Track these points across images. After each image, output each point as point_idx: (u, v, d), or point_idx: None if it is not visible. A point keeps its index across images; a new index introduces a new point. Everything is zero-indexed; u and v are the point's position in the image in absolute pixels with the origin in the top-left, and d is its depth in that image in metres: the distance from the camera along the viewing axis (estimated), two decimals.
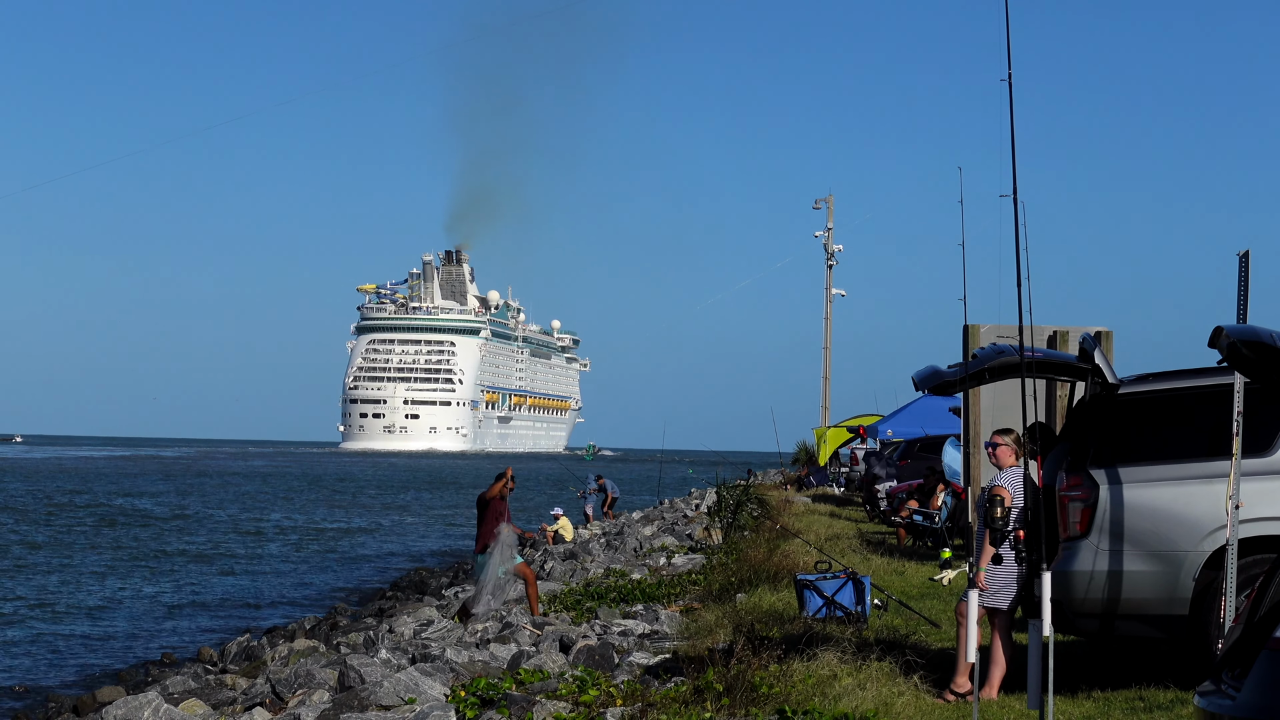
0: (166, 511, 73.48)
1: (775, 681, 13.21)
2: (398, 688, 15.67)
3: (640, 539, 40.66)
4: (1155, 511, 13.30)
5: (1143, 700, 13.01)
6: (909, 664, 13.98)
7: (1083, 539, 13.38)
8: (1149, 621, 13.32)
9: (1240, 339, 8.75)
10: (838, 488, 56.68)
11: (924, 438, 41.49)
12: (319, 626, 29.55)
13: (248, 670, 22.48)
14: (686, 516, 51.76)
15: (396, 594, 36.84)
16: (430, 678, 16.14)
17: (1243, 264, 12.51)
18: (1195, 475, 13.26)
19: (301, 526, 65.53)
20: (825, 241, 78.45)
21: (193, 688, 20.66)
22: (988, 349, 14.25)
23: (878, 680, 13.14)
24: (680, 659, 15.86)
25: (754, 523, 33.63)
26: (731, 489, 41.23)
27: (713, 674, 13.39)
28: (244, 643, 26.27)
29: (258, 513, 74.78)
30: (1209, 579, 13.01)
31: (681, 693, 13.50)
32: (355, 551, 54.53)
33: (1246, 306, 12.43)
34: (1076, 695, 13.29)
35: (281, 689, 17.40)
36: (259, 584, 42.36)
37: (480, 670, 17.37)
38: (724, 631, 17.67)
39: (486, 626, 21.97)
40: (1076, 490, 13.50)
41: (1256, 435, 13.11)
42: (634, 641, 19.22)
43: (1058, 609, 13.16)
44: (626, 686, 14.36)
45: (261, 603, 38.10)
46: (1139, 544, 13.29)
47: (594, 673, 15.62)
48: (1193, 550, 13.16)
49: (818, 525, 34.00)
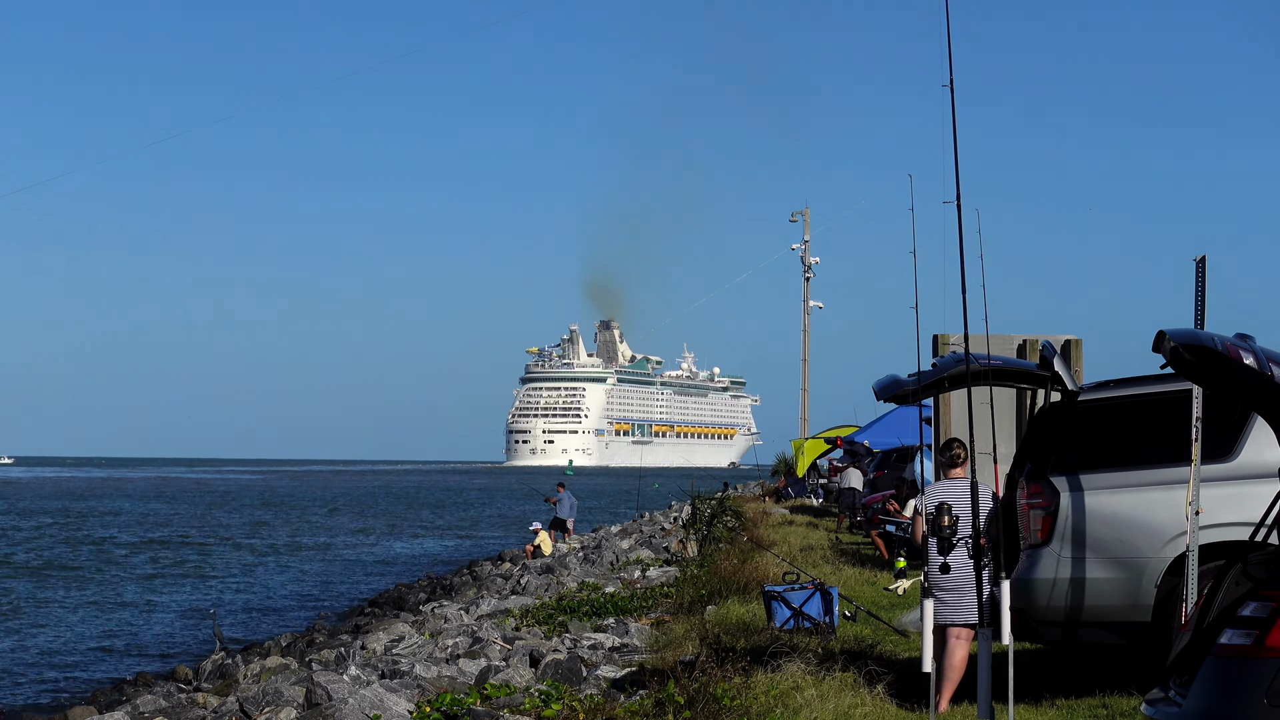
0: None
1: (738, 693, 13.17)
2: (363, 704, 15.62)
3: (617, 552, 40.61)
4: (1117, 518, 13.28)
5: (1106, 708, 12.99)
6: (872, 674, 13.95)
7: (1044, 546, 13.36)
8: (1112, 628, 13.31)
9: (1183, 344, 8.72)
10: (816, 499, 56.66)
11: (900, 448, 41.50)
12: (295, 643, 29.44)
13: (220, 688, 22.41)
14: (664, 529, 51.72)
15: (375, 610, 36.76)
16: (396, 694, 16.10)
17: (1199, 269, 12.52)
18: (1156, 482, 13.24)
19: (307, 542, 65.47)
20: (802, 254, 78.41)
21: (163, 707, 20.59)
22: (947, 358, 14.25)
23: (839, 691, 13.10)
24: (646, 672, 15.83)
25: (729, 535, 33.59)
26: (706, 501, 41.14)
27: (674, 687, 13.36)
28: (218, 660, 26.14)
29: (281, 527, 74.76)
30: (1171, 585, 12.99)
31: (644, 706, 13.46)
32: (356, 563, 54.60)
33: (1204, 311, 12.44)
34: (1040, 703, 13.27)
35: (249, 707, 17.33)
36: (251, 600, 42.28)
37: (447, 686, 17.32)
38: (691, 644, 17.63)
39: (457, 642, 21.91)
40: (1037, 498, 13.48)
41: (1218, 441, 13.10)
42: (603, 655, 19.18)
43: (1020, 617, 13.15)
44: (590, 700, 14.33)
45: (246, 618, 37.98)
46: (1101, 551, 13.27)
47: (560, 686, 15.57)
48: (1154, 557, 13.14)
49: (793, 536, 33.97)
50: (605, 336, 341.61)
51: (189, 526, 78.23)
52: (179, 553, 59.32)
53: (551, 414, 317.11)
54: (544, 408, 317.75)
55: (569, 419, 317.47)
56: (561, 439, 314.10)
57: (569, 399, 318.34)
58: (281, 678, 18.70)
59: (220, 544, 64.67)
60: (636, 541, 45.53)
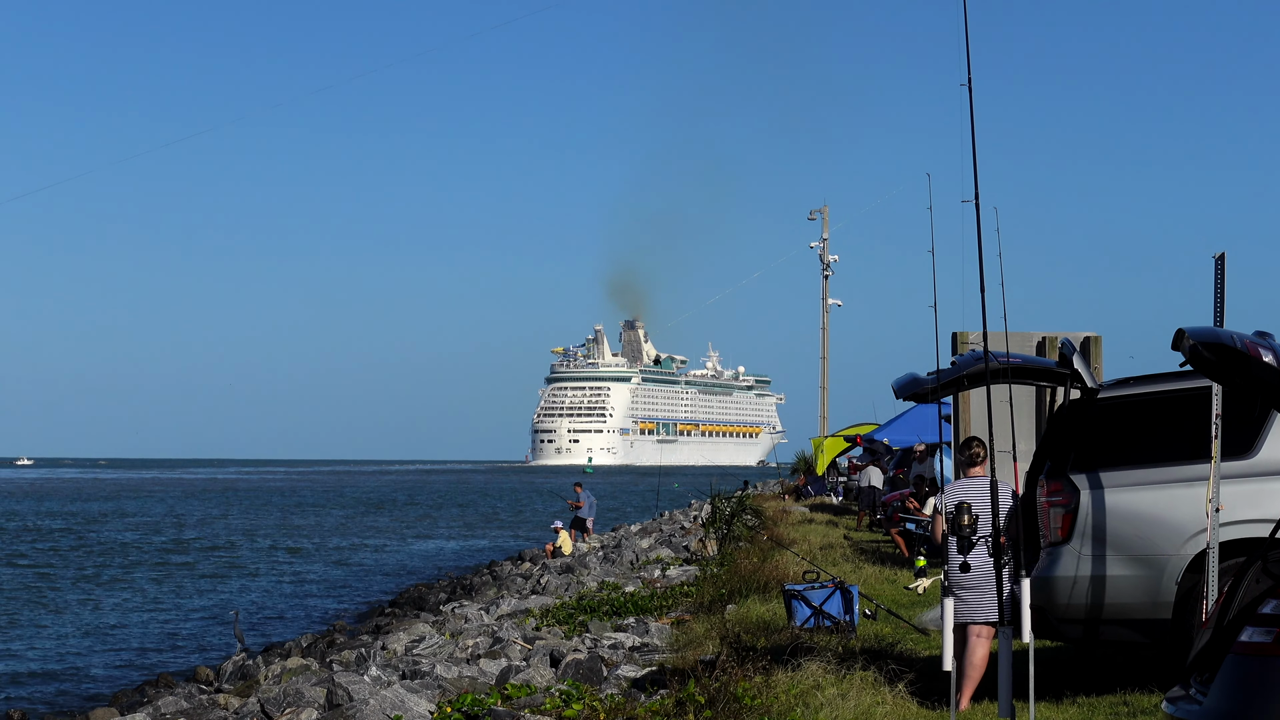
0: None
1: (758, 693, 13.16)
2: (384, 705, 15.64)
3: (637, 551, 40.61)
4: (1137, 516, 13.26)
5: (1127, 705, 12.97)
6: (894, 673, 13.94)
7: (1064, 544, 13.34)
8: (1132, 626, 13.28)
9: (1201, 341, 8.70)
10: (835, 497, 56.63)
11: (908, 448, 41.48)
12: (315, 644, 29.50)
13: (242, 689, 22.45)
14: (684, 528, 51.71)
15: (395, 610, 36.81)
16: (417, 694, 16.12)
17: (1219, 266, 12.50)
18: (1176, 479, 13.22)
19: (327, 545, 65.58)
20: (821, 252, 78.36)
21: (184, 708, 20.65)
22: (966, 356, 14.24)
23: (860, 690, 13.09)
24: (666, 671, 15.83)
25: (749, 534, 33.57)
26: (726, 500, 41.13)
27: (694, 686, 13.35)
28: (239, 661, 26.18)
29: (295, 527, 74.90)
30: (1192, 583, 12.96)
31: (665, 705, 13.46)
32: (378, 564, 54.68)
33: (1223, 308, 12.41)
34: (1061, 701, 13.26)
35: (270, 708, 17.37)
36: (273, 601, 42.37)
37: (468, 686, 17.34)
38: (712, 643, 17.63)
39: (478, 642, 21.93)
40: (1057, 496, 13.47)
41: (1238, 438, 13.08)
42: (623, 655, 19.18)
43: (1040, 615, 13.13)
44: (610, 700, 14.32)
45: (268, 619, 38.06)
46: (1121, 549, 13.25)
47: (581, 686, 15.57)
48: (1175, 554, 13.12)
49: (813, 535, 33.96)
50: (630, 336, 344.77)
51: (211, 527, 78.41)
52: (200, 554, 59.47)
53: (577, 413, 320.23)
54: (569, 407, 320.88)
55: (594, 418, 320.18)
56: (587, 438, 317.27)
57: (594, 398, 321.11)
58: (302, 679, 18.74)
59: (242, 545, 64.81)
60: (656, 540, 45.52)
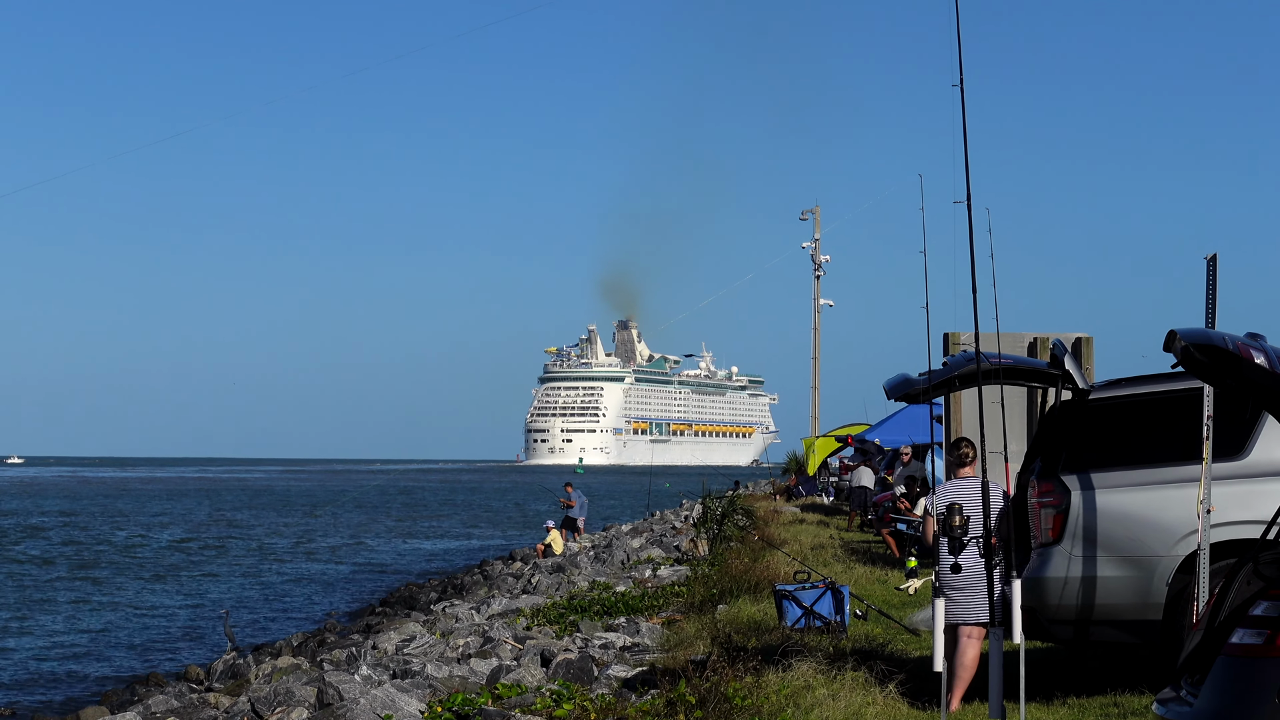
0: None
1: (749, 693, 13.16)
2: (374, 704, 15.63)
3: (628, 551, 40.61)
4: (1128, 517, 13.27)
5: (1118, 706, 12.97)
6: (884, 673, 13.94)
7: (1055, 545, 13.35)
8: (1123, 627, 13.30)
9: (1193, 343, 8.71)
10: (826, 497, 56.61)
11: (895, 450, 41.47)
12: (306, 643, 29.47)
13: (232, 688, 22.43)
14: (675, 528, 51.70)
15: (386, 609, 36.82)
16: (407, 694, 16.11)
17: (1210, 268, 12.52)
18: (1168, 480, 13.22)
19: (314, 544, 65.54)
20: (813, 252, 78.37)
21: (175, 707, 20.62)
22: (958, 356, 14.22)
23: (851, 690, 13.10)
24: (657, 671, 15.81)
25: (740, 533, 33.56)
26: (717, 500, 41.10)
27: (685, 686, 13.34)
28: (230, 660, 26.16)
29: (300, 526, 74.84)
30: (1183, 584, 12.97)
31: (656, 705, 13.45)
32: (369, 563, 54.66)
33: (1215, 309, 12.43)
34: (1051, 702, 13.26)
35: (260, 707, 17.36)
36: (264, 600, 42.34)
37: (459, 685, 17.33)
38: (703, 643, 17.64)
39: (468, 641, 21.93)
40: (1048, 496, 13.47)
41: (1229, 439, 13.09)
42: (614, 654, 19.17)
43: (1031, 616, 13.14)
44: (601, 700, 14.32)
45: (259, 618, 38.03)
46: (1112, 549, 13.26)
47: (571, 686, 15.57)
48: (1166, 555, 13.13)
49: (804, 535, 33.97)
50: (623, 336, 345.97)
51: (202, 526, 78.35)
52: (191, 552, 59.42)
53: (570, 413, 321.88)
54: (562, 407, 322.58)
55: (587, 418, 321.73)
56: (580, 438, 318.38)
57: (587, 398, 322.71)
58: (293, 678, 18.72)
59: (233, 543, 64.76)
60: (648, 540, 45.52)
